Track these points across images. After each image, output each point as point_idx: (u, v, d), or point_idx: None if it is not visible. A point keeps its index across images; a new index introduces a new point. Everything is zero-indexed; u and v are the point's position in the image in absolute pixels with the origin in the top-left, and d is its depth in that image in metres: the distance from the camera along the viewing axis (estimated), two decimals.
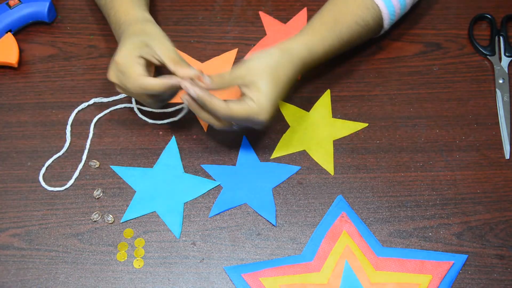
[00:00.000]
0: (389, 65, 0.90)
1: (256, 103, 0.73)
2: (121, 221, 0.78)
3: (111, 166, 0.82)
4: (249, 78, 0.74)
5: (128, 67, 0.75)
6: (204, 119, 0.76)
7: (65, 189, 0.80)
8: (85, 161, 0.82)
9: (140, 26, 0.79)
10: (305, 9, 0.94)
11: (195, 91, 0.73)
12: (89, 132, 0.84)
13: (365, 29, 0.83)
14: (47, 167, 0.82)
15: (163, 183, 0.81)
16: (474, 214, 0.79)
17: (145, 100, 0.78)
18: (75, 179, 0.81)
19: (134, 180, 0.81)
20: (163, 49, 0.76)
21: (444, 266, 0.75)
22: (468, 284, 0.75)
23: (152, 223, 0.79)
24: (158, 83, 0.74)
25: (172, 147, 0.83)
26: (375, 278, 0.74)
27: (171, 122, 0.85)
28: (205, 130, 0.85)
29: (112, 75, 0.77)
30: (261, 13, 0.93)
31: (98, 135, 0.84)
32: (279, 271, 0.75)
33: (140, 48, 0.75)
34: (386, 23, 0.85)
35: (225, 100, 0.73)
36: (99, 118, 0.85)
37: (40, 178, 0.81)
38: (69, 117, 0.85)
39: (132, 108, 0.86)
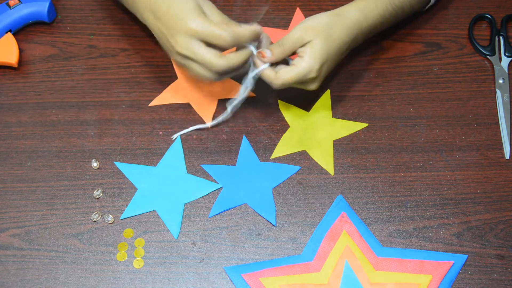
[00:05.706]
0: (389, 65, 0.90)
1: (307, 61, 0.76)
2: (120, 218, 0.78)
3: (114, 162, 0.82)
4: (306, 38, 0.76)
5: (209, 24, 0.72)
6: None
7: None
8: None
9: None
10: (298, 9, 0.94)
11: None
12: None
13: None
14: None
15: (165, 182, 0.81)
16: (474, 214, 0.79)
17: (218, 67, 0.73)
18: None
19: (136, 178, 0.81)
20: (216, 13, 0.76)
21: (444, 266, 0.75)
22: (468, 284, 0.75)
23: (152, 223, 0.79)
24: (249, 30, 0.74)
25: (176, 147, 0.83)
26: (375, 278, 0.74)
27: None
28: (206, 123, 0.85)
29: (182, 47, 0.73)
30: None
31: (98, 135, 0.84)
32: (279, 271, 0.75)
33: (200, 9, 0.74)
34: None
35: (272, 66, 0.77)
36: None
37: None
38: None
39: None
